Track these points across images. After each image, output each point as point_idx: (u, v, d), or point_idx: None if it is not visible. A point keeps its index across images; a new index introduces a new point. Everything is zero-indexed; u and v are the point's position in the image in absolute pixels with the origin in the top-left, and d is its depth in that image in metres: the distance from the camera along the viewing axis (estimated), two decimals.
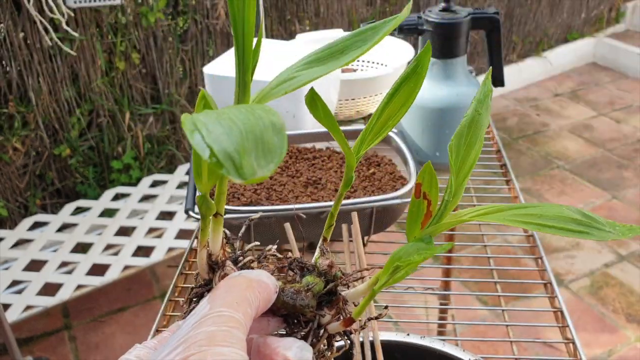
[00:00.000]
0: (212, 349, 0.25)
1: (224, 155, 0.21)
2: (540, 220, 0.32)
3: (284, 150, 0.23)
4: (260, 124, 0.23)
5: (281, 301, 0.32)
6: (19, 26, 1.71)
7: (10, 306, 1.49)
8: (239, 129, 0.23)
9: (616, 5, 3.44)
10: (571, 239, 2.09)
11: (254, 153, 0.22)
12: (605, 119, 2.85)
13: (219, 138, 0.22)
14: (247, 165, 0.21)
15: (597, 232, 0.32)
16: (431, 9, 0.92)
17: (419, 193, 0.34)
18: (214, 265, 0.33)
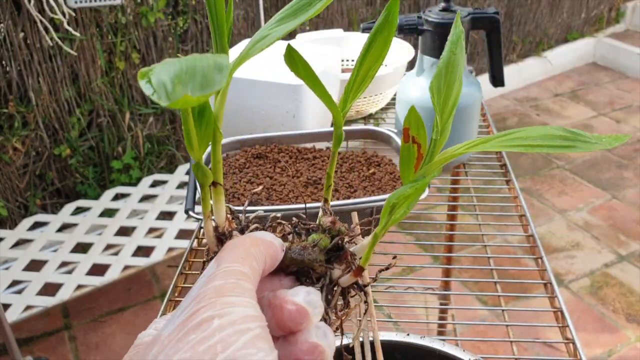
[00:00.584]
0: (220, 299, 0.26)
1: (158, 84, 0.22)
2: (527, 142, 0.34)
3: (222, 84, 0.23)
4: (204, 63, 0.24)
5: (289, 258, 0.33)
6: (19, 26, 1.71)
7: (10, 306, 1.49)
8: (180, 67, 0.24)
9: (616, 5, 3.44)
10: (571, 239, 2.09)
11: (191, 84, 0.23)
12: (605, 119, 2.85)
13: (160, 74, 0.23)
14: (178, 91, 0.22)
15: (582, 144, 0.33)
16: (431, 9, 0.92)
17: (408, 137, 0.34)
18: (222, 236, 0.34)
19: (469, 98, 0.91)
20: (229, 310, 0.25)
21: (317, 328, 0.30)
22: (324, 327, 0.30)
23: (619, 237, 2.09)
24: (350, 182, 0.79)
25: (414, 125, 0.34)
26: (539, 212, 2.23)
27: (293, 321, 0.29)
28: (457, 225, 1.25)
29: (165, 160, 2.12)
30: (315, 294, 0.30)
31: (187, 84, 0.23)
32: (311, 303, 0.30)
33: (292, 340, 0.30)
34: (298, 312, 0.29)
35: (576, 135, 0.34)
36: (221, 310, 0.25)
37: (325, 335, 0.30)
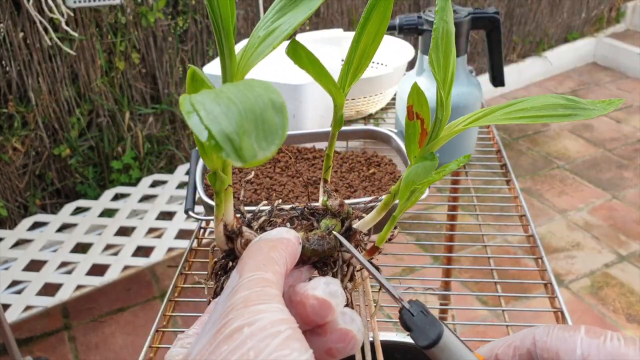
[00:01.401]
0: (248, 309, 0.25)
1: (222, 137, 0.20)
2: (530, 113, 0.34)
3: (285, 129, 0.21)
4: (259, 102, 0.22)
5: (310, 250, 0.33)
6: (19, 26, 1.71)
7: (10, 306, 1.49)
8: (237, 109, 0.22)
9: (616, 5, 3.44)
10: (571, 239, 2.08)
11: (254, 134, 0.21)
12: (605, 119, 2.85)
13: (217, 118, 0.21)
14: (247, 147, 0.20)
15: (583, 112, 0.33)
16: (431, 9, 0.92)
17: (412, 115, 0.35)
18: (231, 234, 0.34)
19: (469, 98, 0.91)
20: (258, 318, 0.25)
21: (342, 315, 0.30)
22: (350, 312, 0.30)
23: (619, 237, 2.08)
24: (350, 182, 0.79)
25: (416, 102, 0.35)
26: (539, 212, 2.23)
27: (318, 315, 0.29)
28: (457, 225, 1.25)
29: (165, 160, 2.12)
30: (334, 283, 0.30)
31: (251, 134, 0.21)
32: (332, 294, 0.29)
33: (321, 331, 0.30)
34: (321, 305, 0.29)
35: (575, 103, 0.34)
36: (250, 318, 0.25)
37: (353, 320, 0.30)
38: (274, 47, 0.32)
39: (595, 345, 0.29)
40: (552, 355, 0.30)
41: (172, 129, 2.11)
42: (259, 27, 0.34)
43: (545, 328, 0.31)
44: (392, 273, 1.86)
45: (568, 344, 0.29)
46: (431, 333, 0.31)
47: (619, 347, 0.28)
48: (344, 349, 0.30)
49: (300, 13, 0.33)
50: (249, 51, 0.33)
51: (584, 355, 0.29)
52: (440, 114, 0.35)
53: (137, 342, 1.69)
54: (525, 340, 0.31)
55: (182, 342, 0.31)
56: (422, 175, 0.34)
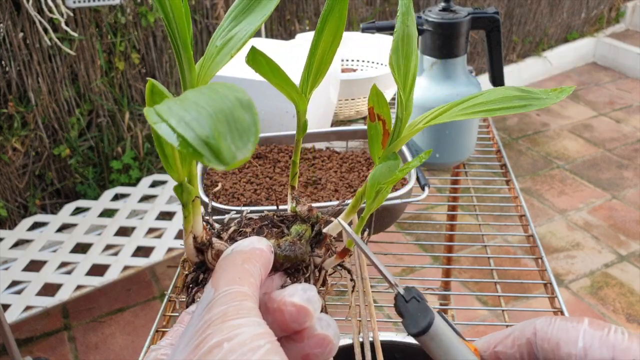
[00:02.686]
0: (226, 323, 0.25)
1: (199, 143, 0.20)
2: (487, 107, 0.35)
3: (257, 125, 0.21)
4: (227, 102, 0.22)
5: (282, 256, 0.33)
6: (19, 26, 1.71)
7: (10, 306, 1.49)
8: (207, 112, 0.21)
9: (616, 5, 3.44)
10: (571, 239, 2.08)
11: (229, 135, 0.21)
12: (605, 119, 2.85)
13: (190, 124, 0.21)
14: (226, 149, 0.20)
15: (536, 102, 0.34)
16: (431, 9, 0.92)
17: (374, 116, 0.35)
18: (201, 246, 0.34)
19: None
20: (237, 332, 0.25)
21: (319, 320, 0.30)
22: (326, 318, 0.30)
23: (619, 237, 2.08)
24: (350, 182, 0.79)
25: (377, 104, 0.35)
26: (539, 212, 2.23)
27: (296, 321, 0.29)
28: (457, 225, 1.25)
29: None
30: (310, 289, 0.30)
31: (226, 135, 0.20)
32: (310, 300, 0.29)
33: (298, 337, 0.30)
34: (299, 312, 0.29)
35: (529, 94, 0.35)
36: (229, 333, 0.25)
37: (329, 325, 0.30)
38: (232, 55, 0.32)
39: (598, 337, 0.28)
40: (552, 345, 0.29)
41: None
42: (216, 37, 0.34)
43: (547, 318, 0.31)
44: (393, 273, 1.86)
45: (570, 335, 0.29)
46: (422, 321, 0.31)
47: (622, 340, 0.28)
48: (321, 354, 0.30)
49: (256, 19, 0.33)
50: (208, 61, 0.33)
51: (586, 347, 0.28)
52: (400, 114, 0.35)
53: (137, 342, 1.69)
54: (525, 330, 0.31)
55: (155, 353, 0.31)
56: (387, 175, 0.34)
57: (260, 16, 0.33)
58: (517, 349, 0.31)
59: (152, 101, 0.28)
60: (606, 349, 0.28)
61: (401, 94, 0.35)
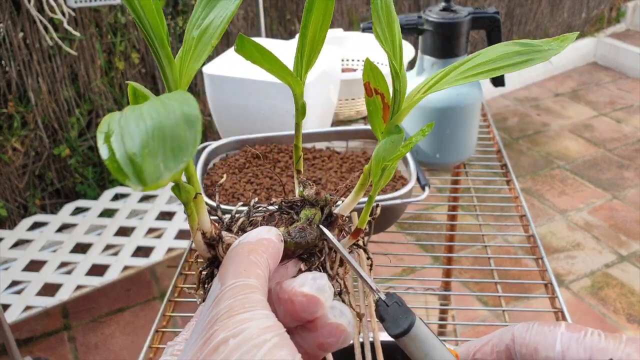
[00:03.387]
0: (232, 318, 0.25)
1: (124, 159, 0.19)
2: (489, 67, 0.33)
3: (196, 145, 0.20)
4: (171, 117, 0.21)
5: (293, 243, 0.33)
6: (19, 26, 1.71)
7: (10, 306, 1.49)
8: (145, 126, 0.21)
9: (616, 4, 3.44)
10: (572, 239, 2.08)
11: (161, 152, 0.20)
12: (605, 119, 2.85)
13: (124, 139, 0.20)
14: (150, 169, 0.19)
15: (539, 54, 0.33)
16: (431, 9, 0.92)
17: (371, 91, 0.34)
18: (212, 241, 0.33)
19: (470, 98, 0.90)
20: (242, 328, 0.25)
21: (332, 309, 0.30)
22: (339, 306, 0.30)
23: (619, 237, 2.08)
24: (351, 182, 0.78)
25: (372, 78, 0.34)
26: (539, 212, 2.23)
27: (307, 311, 0.29)
28: (458, 225, 1.25)
29: None
30: (321, 277, 0.30)
31: (157, 153, 0.19)
32: (320, 289, 0.29)
33: (311, 327, 0.30)
34: (309, 302, 0.29)
35: (530, 48, 0.33)
36: (235, 329, 0.25)
37: (343, 313, 0.30)
38: (212, 45, 0.31)
39: (575, 339, 0.28)
40: (530, 350, 0.29)
41: None
42: (190, 28, 0.32)
43: (524, 324, 0.31)
44: (393, 273, 1.86)
45: (547, 339, 0.29)
46: (403, 322, 0.31)
47: (599, 341, 0.28)
48: (335, 342, 0.30)
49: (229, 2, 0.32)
50: (187, 54, 0.31)
51: (563, 349, 0.28)
52: (397, 85, 0.34)
53: (137, 342, 1.68)
54: (503, 337, 0.31)
55: (171, 349, 0.30)
56: (391, 150, 0.33)
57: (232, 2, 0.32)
58: (496, 355, 0.31)
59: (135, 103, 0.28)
60: (583, 350, 0.28)
61: (394, 63, 0.34)
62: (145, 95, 0.27)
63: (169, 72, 0.30)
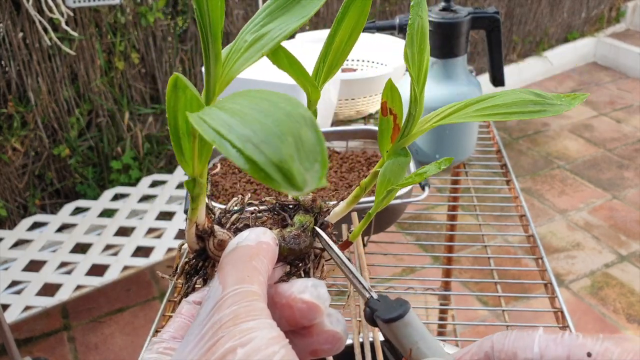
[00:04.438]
0: (238, 326, 0.25)
1: (272, 169, 0.19)
2: (502, 110, 0.34)
3: (323, 145, 0.20)
4: (293, 121, 0.21)
5: (287, 249, 0.33)
6: (18, 26, 1.70)
7: (10, 306, 1.49)
8: (274, 132, 0.20)
9: (616, 4, 3.44)
10: (571, 239, 2.08)
11: (297, 157, 0.20)
12: (605, 119, 2.85)
13: (259, 147, 0.19)
14: (297, 172, 0.19)
15: (551, 107, 0.34)
16: (431, 9, 0.92)
17: (386, 111, 0.35)
18: (203, 234, 0.33)
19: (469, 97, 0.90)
20: (250, 337, 0.24)
21: (329, 316, 0.30)
22: (335, 314, 0.30)
23: (619, 237, 2.08)
24: (350, 182, 0.78)
25: (390, 98, 0.34)
26: (539, 212, 2.22)
27: (306, 318, 0.29)
28: (458, 225, 1.25)
29: (164, 160, 2.12)
30: (321, 285, 0.30)
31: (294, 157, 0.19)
32: (320, 297, 0.29)
33: (306, 333, 0.30)
34: (310, 309, 0.29)
35: (544, 99, 0.34)
36: (242, 338, 0.24)
37: (339, 322, 0.30)
38: (262, 54, 0.30)
39: (552, 340, 0.29)
40: (509, 355, 0.29)
41: None
42: (246, 30, 0.32)
43: (503, 332, 0.31)
44: (392, 273, 1.86)
45: (526, 342, 0.29)
46: (398, 309, 0.31)
47: (577, 338, 0.28)
48: (330, 350, 0.30)
49: (292, 19, 0.31)
50: (234, 55, 0.31)
51: (542, 350, 0.29)
52: (413, 110, 0.35)
53: (136, 342, 1.68)
54: (482, 346, 0.31)
55: (157, 346, 0.30)
56: (398, 172, 0.34)
57: (299, 17, 0.31)
58: None
59: (174, 96, 0.27)
60: (561, 348, 0.28)
61: (415, 88, 0.34)
62: (186, 87, 0.27)
63: (214, 68, 0.30)
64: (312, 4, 0.32)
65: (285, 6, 0.32)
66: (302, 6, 0.32)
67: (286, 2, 0.32)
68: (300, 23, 0.31)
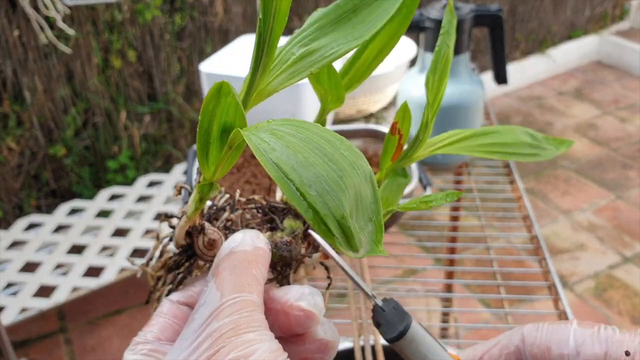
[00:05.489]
0: (240, 337, 0.24)
1: (333, 223, 0.18)
2: (502, 149, 0.36)
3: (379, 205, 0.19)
4: (355, 173, 0.20)
5: (278, 255, 0.32)
6: (14, 24, 1.69)
7: (5, 308, 1.47)
8: (338, 184, 0.19)
9: (620, 2, 3.41)
10: (575, 239, 2.06)
11: (355, 214, 0.19)
12: (609, 118, 2.82)
13: (324, 197, 0.19)
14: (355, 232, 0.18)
15: (543, 152, 0.37)
16: (433, 6, 0.90)
17: (395, 130, 0.35)
18: (193, 230, 0.32)
19: (472, 96, 0.88)
20: (252, 349, 0.24)
21: (322, 325, 0.30)
22: (327, 322, 0.30)
23: (623, 238, 2.06)
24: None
25: (401, 119, 0.35)
26: (542, 212, 2.20)
27: (301, 326, 0.29)
28: (460, 226, 1.23)
29: (161, 160, 2.10)
30: (317, 294, 0.29)
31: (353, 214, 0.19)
32: (316, 305, 0.29)
33: (298, 340, 0.29)
34: (307, 317, 0.28)
35: (539, 143, 0.37)
36: (244, 350, 0.24)
37: (332, 330, 0.30)
38: (311, 72, 0.29)
39: (589, 335, 0.27)
40: (542, 349, 0.28)
41: (169, 128, 2.08)
42: (293, 43, 0.30)
43: (534, 324, 0.30)
44: (394, 275, 1.84)
45: (560, 336, 0.28)
46: (399, 325, 0.31)
47: (614, 334, 0.27)
48: (321, 358, 0.30)
49: (346, 38, 0.29)
50: (278, 67, 0.29)
51: (577, 345, 0.27)
52: (421, 134, 0.35)
53: None
54: (512, 338, 0.30)
55: (141, 347, 0.28)
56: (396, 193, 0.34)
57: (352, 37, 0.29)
58: (505, 357, 0.30)
59: (215, 100, 0.26)
60: (599, 345, 0.27)
61: (428, 113, 0.34)
62: (230, 92, 0.26)
63: (259, 78, 0.29)
64: (365, 26, 0.30)
65: (336, 22, 0.31)
66: (352, 25, 0.30)
67: (338, 18, 0.31)
68: (354, 45, 0.29)
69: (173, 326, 0.29)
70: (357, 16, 0.30)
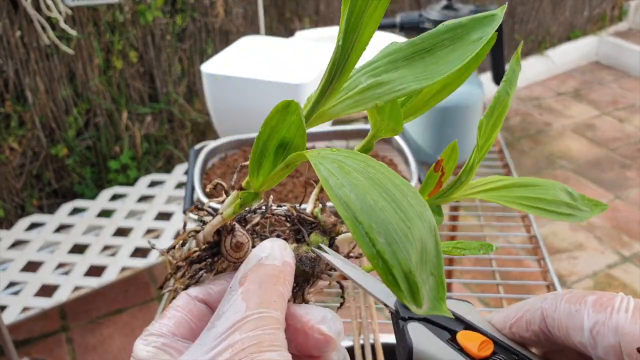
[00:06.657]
0: (262, 355, 0.24)
1: (401, 275, 0.18)
2: (542, 205, 0.36)
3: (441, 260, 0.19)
4: (422, 225, 0.20)
5: (300, 270, 0.31)
6: (16, 25, 1.69)
7: (7, 307, 1.47)
8: (407, 235, 0.19)
9: (619, 3, 3.42)
10: (574, 239, 2.07)
11: (423, 270, 0.19)
12: (608, 118, 2.83)
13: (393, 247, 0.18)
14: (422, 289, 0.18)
15: (580, 213, 0.37)
16: (433, 7, 0.90)
17: (439, 167, 0.35)
18: (222, 229, 0.32)
19: (471, 97, 0.89)
20: None
21: (337, 351, 0.29)
22: (343, 350, 0.30)
23: (622, 238, 2.07)
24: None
25: (447, 158, 0.35)
26: None
27: (319, 349, 0.28)
28: (459, 225, 1.23)
29: (163, 160, 2.11)
30: (338, 319, 0.29)
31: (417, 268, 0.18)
32: (338, 332, 0.29)
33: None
34: (326, 342, 0.28)
35: (576, 203, 0.37)
36: None
37: (346, 357, 0.30)
38: (376, 105, 0.28)
39: (602, 323, 0.27)
40: (563, 333, 0.28)
41: (170, 128, 2.09)
42: (363, 71, 0.30)
43: (552, 301, 0.29)
44: None
45: (575, 321, 0.28)
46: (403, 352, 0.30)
47: (625, 320, 0.26)
48: None
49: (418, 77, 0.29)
50: (344, 93, 0.29)
51: (593, 335, 0.27)
52: (464, 176, 0.35)
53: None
54: (535, 315, 0.30)
55: (154, 339, 0.28)
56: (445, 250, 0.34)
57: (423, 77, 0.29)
58: (532, 333, 0.30)
59: (279, 115, 0.26)
60: (612, 335, 0.26)
61: (474, 156, 0.34)
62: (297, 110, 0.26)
63: (324, 101, 0.29)
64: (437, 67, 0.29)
65: (409, 58, 0.30)
66: (424, 65, 0.30)
67: (411, 55, 0.31)
68: (425, 84, 0.29)
69: (189, 323, 0.29)
70: (431, 56, 0.30)
